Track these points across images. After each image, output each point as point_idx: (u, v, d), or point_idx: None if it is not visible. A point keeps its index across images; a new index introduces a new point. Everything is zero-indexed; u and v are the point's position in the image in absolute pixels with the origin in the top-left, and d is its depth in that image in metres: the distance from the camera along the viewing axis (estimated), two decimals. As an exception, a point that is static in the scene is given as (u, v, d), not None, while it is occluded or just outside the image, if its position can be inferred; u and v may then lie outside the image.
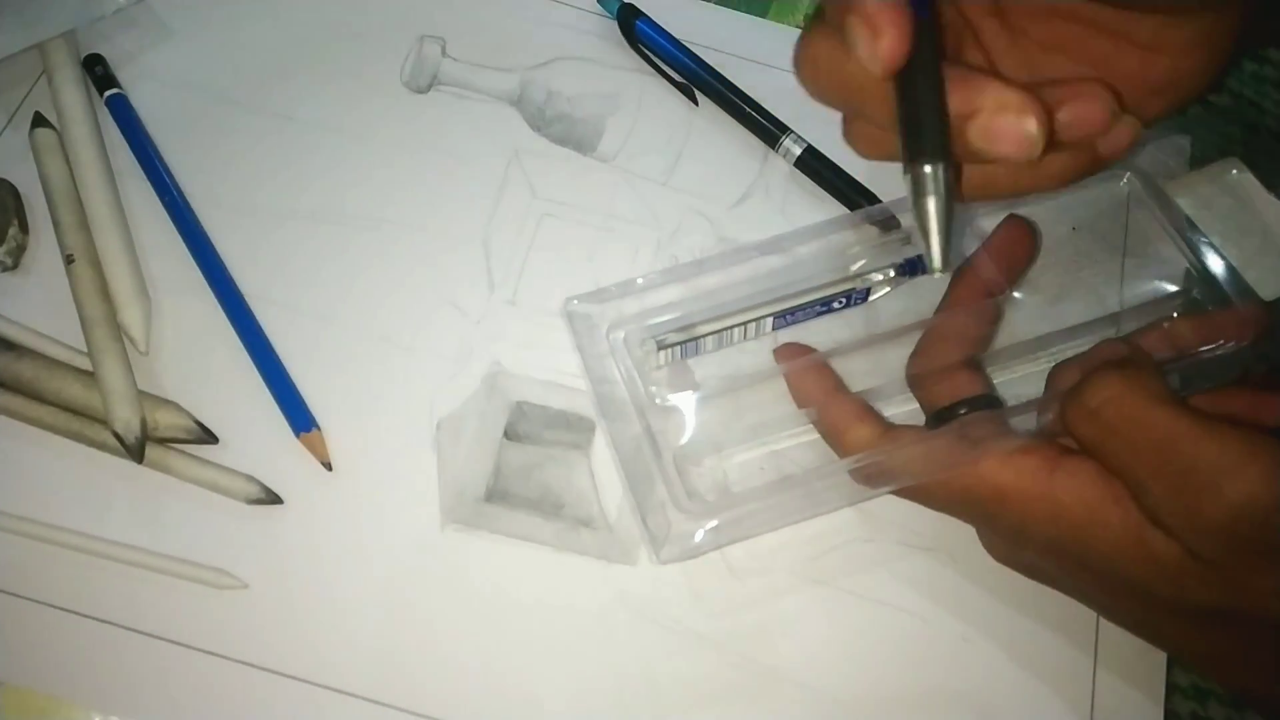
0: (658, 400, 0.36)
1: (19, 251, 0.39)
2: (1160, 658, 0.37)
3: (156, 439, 0.36)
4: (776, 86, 0.45)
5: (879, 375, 0.37)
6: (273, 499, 0.36)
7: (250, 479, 0.36)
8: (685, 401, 0.36)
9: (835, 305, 0.38)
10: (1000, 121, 0.26)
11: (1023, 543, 0.33)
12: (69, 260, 0.38)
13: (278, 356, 0.38)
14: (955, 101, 0.26)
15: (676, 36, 0.45)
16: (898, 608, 0.37)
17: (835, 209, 0.43)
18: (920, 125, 0.26)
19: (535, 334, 0.40)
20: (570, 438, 0.39)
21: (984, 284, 0.37)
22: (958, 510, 0.34)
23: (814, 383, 0.36)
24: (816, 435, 0.36)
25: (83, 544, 0.35)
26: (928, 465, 0.33)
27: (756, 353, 0.38)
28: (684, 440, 0.36)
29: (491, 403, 0.39)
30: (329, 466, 0.37)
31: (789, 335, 0.38)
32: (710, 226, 0.42)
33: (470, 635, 0.36)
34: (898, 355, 0.37)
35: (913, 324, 0.37)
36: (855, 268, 0.38)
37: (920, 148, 0.26)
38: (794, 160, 0.43)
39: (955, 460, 0.32)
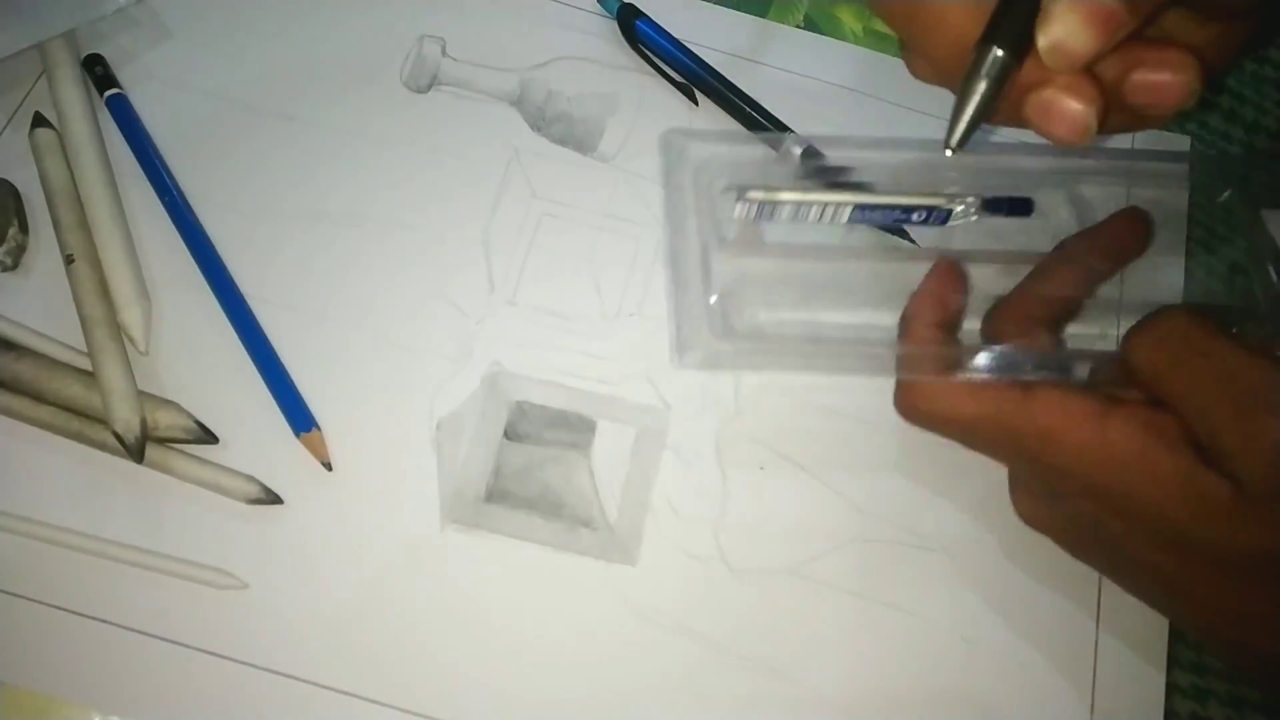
0: (724, 238, 0.35)
1: (19, 251, 0.39)
2: (1160, 657, 0.37)
3: (156, 439, 0.36)
4: (777, 86, 0.45)
5: None
6: (273, 499, 0.36)
7: (250, 479, 0.36)
8: (747, 254, 0.36)
9: (915, 217, 0.37)
10: (1064, 101, 0.27)
11: (1064, 488, 0.33)
12: (69, 260, 0.38)
13: (277, 356, 0.38)
14: (1027, 68, 0.27)
15: (676, 36, 0.45)
16: (898, 608, 0.37)
17: (835, 209, 0.43)
18: (1010, 13, 0.27)
19: (535, 334, 0.40)
20: (570, 438, 0.39)
21: (1089, 260, 0.37)
22: (1001, 449, 0.34)
23: (937, 296, 0.36)
24: (859, 333, 0.36)
25: (83, 544, 0.35)
26: (973, 391, 0.33)
27: (826, 237, 0.38)
28: (735, 281, 0.36)
29: (491, 402, 0.39)
30: (329, 466, 0.37)
31: (862, 233, 0.38)
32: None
33: (469, 635, 0.36)
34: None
35: (982, 259, 0.37)
36: (948, 188, 0.38)
37: (999, 33, 0.27)
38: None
39: (1002, 393, 0.32)
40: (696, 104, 0.45)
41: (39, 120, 0.41)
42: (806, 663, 0.36)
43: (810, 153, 0.43)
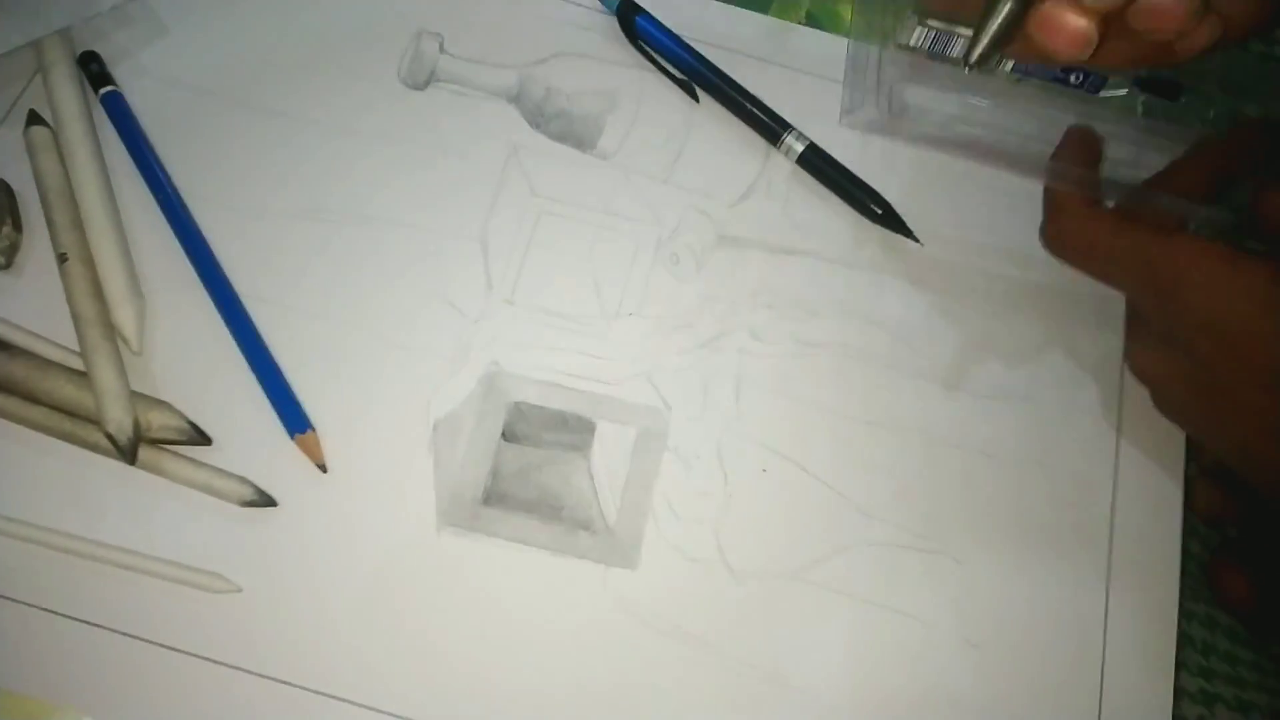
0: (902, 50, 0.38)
1: (12, 250, 0.39)
2: (1168, 662, 0.36)
3: (149, 440, 0.36)
4: (778, 83, 0.44)
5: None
6: (266, 501, 0.36)
7: (244, 481, 0.36)
8: (918, 72, 0.39)
9: (1072, 79, 0.39)
10: (1064, 15, 0.30)
11: (1185, 329, 0.34)
12: (62, 259, 0.38)
13: (272, 356, 0.38)
14: None
15: (677, 33, 0.44)
16: (901, 612, 0.37)
17: (838, 206, 0.43)
18: None
19: (534, 333, 0.40)
20: (569, 439, 0.38)
21: (1220, 161, 0.38)
22: (1134, 283, 0.36)
23: (1082, 142, 0.38)
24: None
25: (74, 546, 0.35)
26: (1118, 226, 0.35)
27: (986, 83, 0.40)
28: (903, 82, 0.39)
29: (489, 403, 0.38)
30: (324, 468, 0.37)
31: (1022, 87, 0.40)
32: (711, 224, 0.42)
33: (466, 640, 0.35)
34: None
35: (1115, 132, 0.39)
36: None
37: None
38: (796, 157, 0.43)
39: (1145, 231, 0.35)
40: (697, 100, 0.44)
41: (33, 118, 0.41)
42: (808, 667, 0.36)
43: (812, 151, 0.43)
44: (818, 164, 0.43)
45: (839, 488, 0.38)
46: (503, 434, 0.38)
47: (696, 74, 0.44)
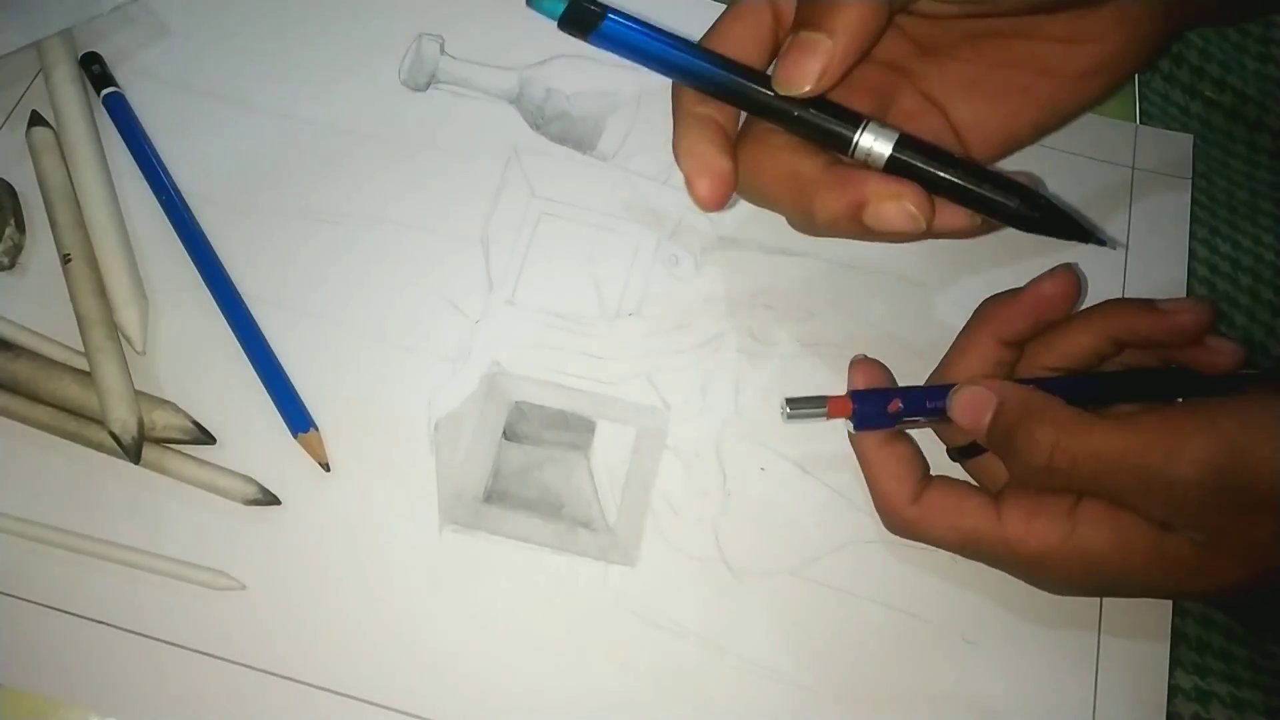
0: None
1: (16, 251, 0.39)
2: (1162, 659, 0.37)
3: (153, 439, 0.36)
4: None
5: None
6: (270, 500, 0.36)
7: (248, 480, 0.36)
8: None
9: None
10: (887, 207, 0.32)
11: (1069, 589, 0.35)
12: (66, 260, 0.38)
13: (275, 356, 0.38)
14: (848, 194, 0.32)
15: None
16: (899, 609, 0.37)
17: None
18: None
19: (534, 333, 0.40)
20: (569, 438, 0.38)
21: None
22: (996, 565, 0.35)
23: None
24: None
25: (79, 545, 0.35)
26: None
27: None
28: None
29: (490, 403, 0.39)
30: (327, 467, 0.37)
31: None
32: (710, 225, 0.42)
33: (468, 637, 0.35)
34: None
35: None
36: None
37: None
38: (884, 162, 0.42)
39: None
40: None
41: (36, 119, 0.41)
42: (807, 664, 0.36)
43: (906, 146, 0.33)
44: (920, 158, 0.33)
45: (837, 486, 0.38)
46: (504, 433, 0.38)
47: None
